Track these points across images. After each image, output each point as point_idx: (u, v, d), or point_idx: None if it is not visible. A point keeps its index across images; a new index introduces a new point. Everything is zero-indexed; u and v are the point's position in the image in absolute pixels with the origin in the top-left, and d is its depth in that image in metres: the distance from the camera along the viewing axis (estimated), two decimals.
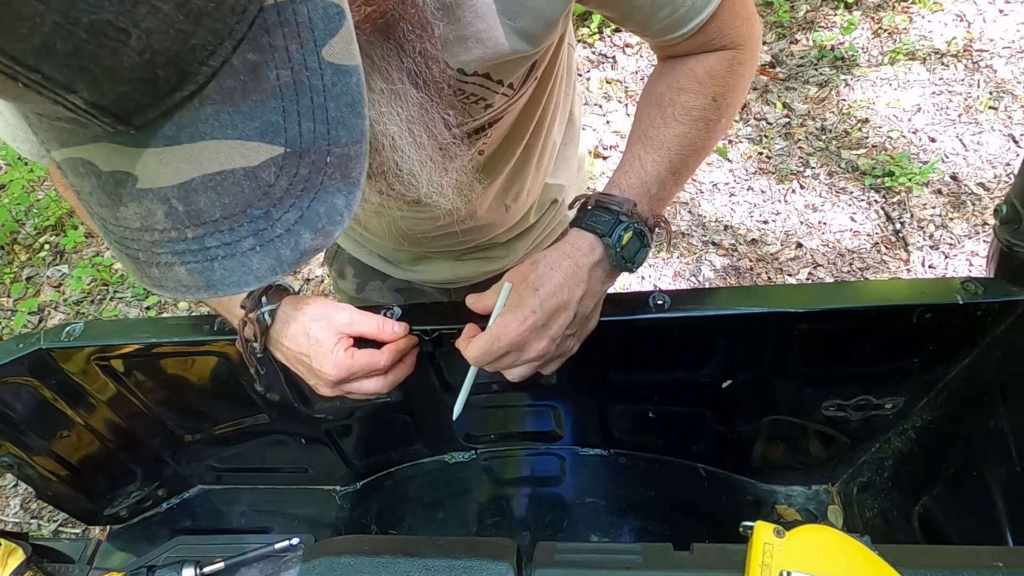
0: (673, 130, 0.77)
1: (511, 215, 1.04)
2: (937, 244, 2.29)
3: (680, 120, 0.77)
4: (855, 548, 0.60)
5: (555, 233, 1.19)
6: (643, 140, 0.78)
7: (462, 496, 1.20)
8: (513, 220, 1.06)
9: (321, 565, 0.70)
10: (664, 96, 0.78)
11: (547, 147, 1.01)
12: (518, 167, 0.96)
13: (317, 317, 0.80)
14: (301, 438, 1.14)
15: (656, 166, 0.77)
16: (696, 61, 0.77)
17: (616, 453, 1.19)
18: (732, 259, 2.38)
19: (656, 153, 0.77)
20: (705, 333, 0.90)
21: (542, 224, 1.15)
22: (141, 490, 1.20)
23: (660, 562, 0.65)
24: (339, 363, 0.77)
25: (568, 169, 1.13)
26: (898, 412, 1.00)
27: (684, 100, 0.77)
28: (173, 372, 1.01)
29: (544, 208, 1.12)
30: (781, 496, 1.17)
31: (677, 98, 0.77)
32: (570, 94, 1.04)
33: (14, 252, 2.88)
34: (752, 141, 2.67)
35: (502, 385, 1.05)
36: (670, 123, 0.77)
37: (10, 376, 0.95)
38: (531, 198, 1.05)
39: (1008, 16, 2.82)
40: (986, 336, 0.87)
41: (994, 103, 2.58)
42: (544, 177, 1.06)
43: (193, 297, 0.43)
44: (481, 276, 1.14)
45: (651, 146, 0.77)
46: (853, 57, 2.82)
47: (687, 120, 0.77)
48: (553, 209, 1.14)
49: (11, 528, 2.10)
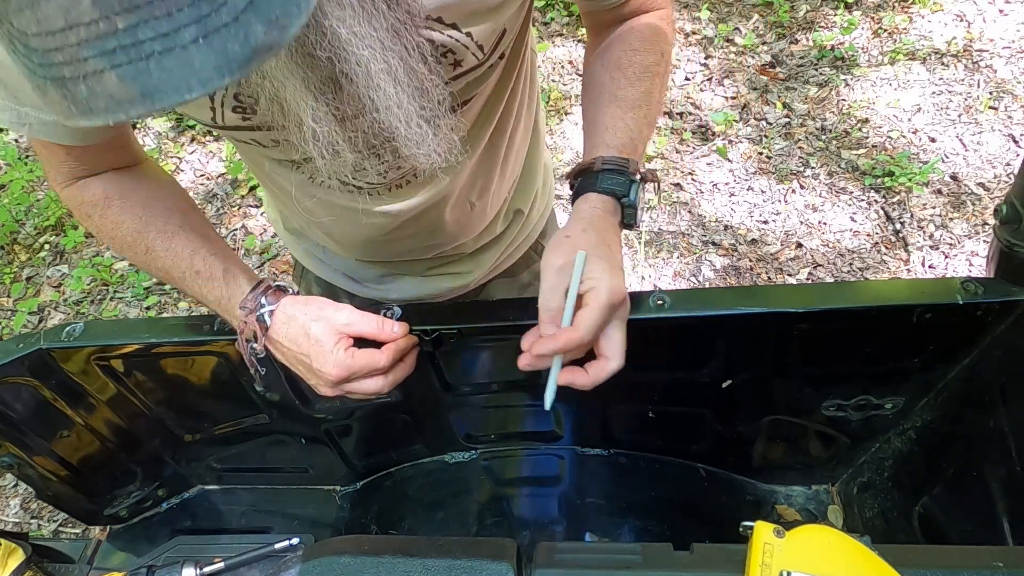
0: (638, 88, 0.83)
1: (477, 216, 1.02)
2: (937, 244, 2.29)
3: (641, 78, 0.83)
4: (855, 548, 0.60)
5: (523, 247, 1.17)
6: (616, 102, 0.82)
7: (462, 496, 1.20)
8: (479, 225, 1.04)
9: (321, 565, 0.70)
10: (621, 59, 0.84)
11: (512, 147, 1.00)
12: (484, 160, 0.95)
13: (317, 317, 0.79)
14: (301, 438, 1.14)
15: (636, 123, 0.81)
16: (638, 23, 0.85)
17: (616, 453, 1.19)
18: (732, 259, 2.38)
19: (632, 111, 0.81)
20: (705, 333, 0.90)
21: (509, 236, 1.13)
22: (141, 490, 1.20)
23: (660, 562, 0.65)
24: (339, 363, 0.77)
25: (533, 181, 1.12)
26: (898, 412, 1.00)
27: (640, 59, 0.83)
28: (173, 372, 1.01)
29: (510, 218, 1.11)
30: (781, 496, 1.17)
31: (634, 58, 0.83)
32: (534, 101, 1.04)
33: (14, 252, 2.88)
34: (752, 141, 2.67)
35: (502, 385, 1.05)
36: (634, 83, 0.83)
37: (10, 376, 0.96)
38: (496, 201, 1.04)
39: (1008, 16, 2.82)
40: (986, 336, 0.87)
41: (994, 103, 2.58)
42: (510, 182, 1.05)
43: (126, 116, 0.37)
44: (449, 294, 1.12)
45: (626, 106, 0.82)
46: (853, 57, 2.82)
47: (647, 77, 0.83)
48: (519, 220, 1.13)
49: (11, 528, 2.10)
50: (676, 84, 2.90)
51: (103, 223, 0.84)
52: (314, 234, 1.06)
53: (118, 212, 0.83)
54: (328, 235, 1.02)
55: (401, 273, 1.10)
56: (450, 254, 1.08)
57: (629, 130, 0.81)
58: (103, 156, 0.82)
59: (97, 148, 0.80)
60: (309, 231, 1.07)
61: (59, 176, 0.82)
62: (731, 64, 2.92)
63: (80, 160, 0.81)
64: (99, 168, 0.83)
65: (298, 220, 1.06)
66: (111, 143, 0.82)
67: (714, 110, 2.78)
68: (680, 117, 2.79)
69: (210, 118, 0.72)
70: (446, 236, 1.01)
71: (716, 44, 2.99)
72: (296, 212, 1.01)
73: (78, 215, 0.86)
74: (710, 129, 2.73)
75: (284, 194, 0.95)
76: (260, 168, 0.91)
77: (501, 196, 1.05)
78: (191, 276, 0.83)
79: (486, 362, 1.01)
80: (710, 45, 3.00)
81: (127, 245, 0.84)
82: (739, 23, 3.05)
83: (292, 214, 1.05)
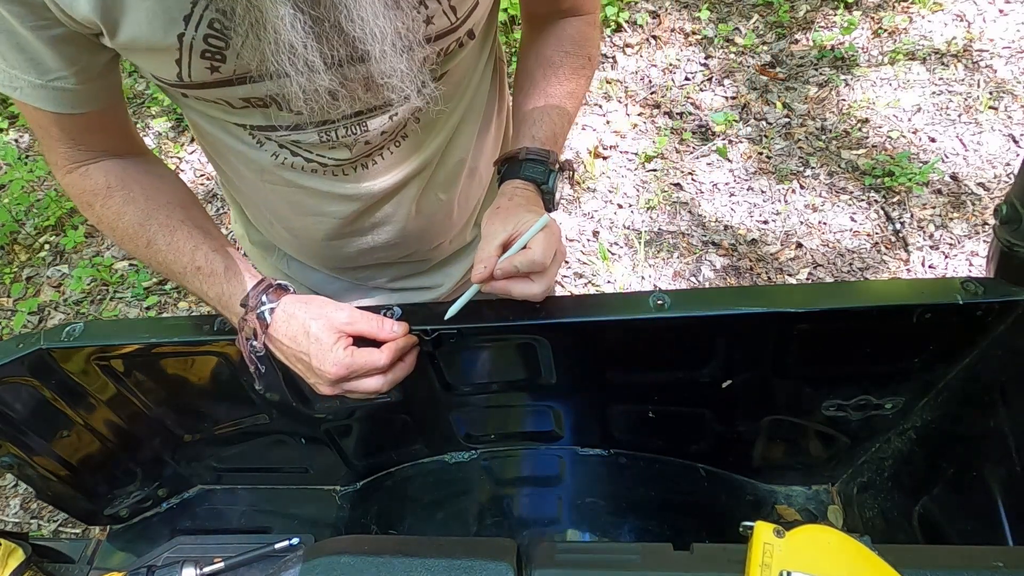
0: (566, 87, 0.93)
1: (444, 214, 1.01)
2: (937, 244, 2.29)
3: (569, 78, 0.93)
4: (855, 548, 0.60)
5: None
6: (544, 97, 0.92)
7: (462, 496, 1.20)
8: (448, 228, 1.04)
9: (321, 565, 0.70)
10: (553, 58, 0.93)
11: (482, 149, 1.01)
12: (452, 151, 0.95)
13: (317, 316, 0.80)
14: (301, 438, 1.14)
15: (560, 118, 0.92)
16: (569, 26, 0.94)
17: (616, 453, 1.19)
18: (732, 259, 2.38)
19: (558, 108, 0.92)
20: (705, 333, 0.90)
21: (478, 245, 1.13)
22: (141, 490, 1.20)
23: (660, 562, 0.65)
24: (339, 361, 0.77)
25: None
26: (898, 412, 1.00)
27: (570, 61, 0.93)
28: (173, 372, 1.01)
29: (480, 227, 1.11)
30: (781, 496, 1.17)
31: (565, 60, 0.93)
32: (504, 112, 1.05)
33: (14, 252, 2.88)
34: (752, 141, 2.67)
35: (502, 385, 1.05)
36: (563, 81, 0.93)
37: (10, 376, 0.95)
38: (465, 202, 1.03)
39: (1008, 16, 2.82)
40: (986, 336, 0.87)
41: (994, 103, 2.58)
42: (479, 185, 1.05)
43: None
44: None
45: (552, 102, 0.92)
46: (853, 57, 2.82)
47: (574, 77, 0.93)
48: None
49: (11, 528, 2.10)
50: (676, 84, 2.90)
51: (104, 213, 0.83)
52: (277, 237, 1.05)
53: (120, 203, 0.83)
54: (291, 231, 1.00)
55: (368, 285, 1.09)
56: (417, 261, 1.07)
57: (553, 124, 0.91)
58: (98, 137, 0.82)
59: (91, 126, 0.80)
60: (272, 233, 1.05)
61: (59, 160, 0.82)
62: (731, 64, 2.92)
63: (75, 140, 0.80)
64: (96, 150, 0.82)
65: (261, 221, 1.04)
66: (103, 123, 0.81)
67: (714, 110, 2.78)
68: (680, 117, 2.79)
69: (176, 73, 0.70)
70: (413, 235, 1.00)
71: (716, 44, 2.99)
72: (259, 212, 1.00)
73: (79, 204, 0.86)
74: (710, 129, 2.73)
75: (248, 187, 0.94)
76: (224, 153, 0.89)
77: (470, 199, 1.05)
78: (192, 272, 0.83)
79: (486, 362, 1.01)
80: (710, 45, 3.00)
81: (128, 237, 0.84)
82: (739, 23, 3.05)
83: (255, 213, 1.03)
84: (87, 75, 0.73)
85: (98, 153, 0.83)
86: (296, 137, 0.81)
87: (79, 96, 0.75)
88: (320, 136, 0.81)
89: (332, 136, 0.81)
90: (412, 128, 0.86)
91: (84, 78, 0.73)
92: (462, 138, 0.95)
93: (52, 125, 0.78)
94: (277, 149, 0.84)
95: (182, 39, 0.67)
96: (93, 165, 0.83)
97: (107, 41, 0.68)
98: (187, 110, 0.84)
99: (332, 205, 0.92)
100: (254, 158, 0.86)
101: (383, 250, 1.02)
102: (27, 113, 0.77)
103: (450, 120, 0.91)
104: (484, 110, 0.98)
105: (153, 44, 0.67)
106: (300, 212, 0.94)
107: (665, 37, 3.06)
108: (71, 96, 0.74)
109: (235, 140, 0.85)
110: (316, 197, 0.90)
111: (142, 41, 0.67)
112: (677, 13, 3.13)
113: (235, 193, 1.02)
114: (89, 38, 0.69)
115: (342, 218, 0.94)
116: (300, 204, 0.93)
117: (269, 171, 0.88)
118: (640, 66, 3.00)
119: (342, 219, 0.94)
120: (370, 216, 0.95)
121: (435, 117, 0.87)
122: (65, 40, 0.69)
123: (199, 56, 0.68)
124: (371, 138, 0.83)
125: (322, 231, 0.96)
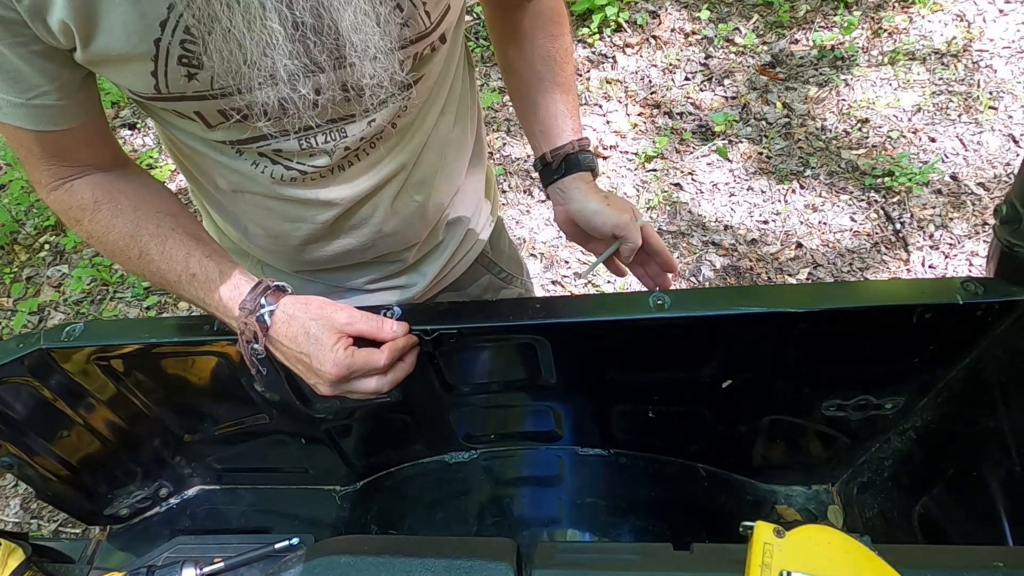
0: (567, 70, 1.00)
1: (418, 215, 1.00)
2: (937, 244, 2.29)
3: (565, 59, 1.00)
4: (855, 548, 0.60)
5: (468, 260, 1.17)
6: (559, 87, 1.00)
7: (462, 496, 1.20)
8: (421, 228, 1.04)
9: (321, 565, 0.70)
10: (546, 47, 0.98)
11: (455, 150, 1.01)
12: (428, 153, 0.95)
13: (317, 316, 0.79)
14: (301, 438, 1.14)
15: (575, 102, 1.02)
16: (542, 6, 0.97)
17: (616, 453, 1.19)
18: (732, 259, 2.38)
19: (571, 92, 1.01)
20: (705, 333, 0.90)
21: (451, 245, 1.12)
22: (141, 490, 1.20)
23: (660, 562, 0.65)
24: (338, 361, 0.77)
25: (476, 193, 1.13)
26: (898, 412, 1.00)
27: (559, 43, 0.99)
28: (173, 372, 1.01)
29: (453, 228, 1.11)
30: (781, 496, 1.17)
31: (555, 44, 0.98)
32: (474, 111, 1.06)
33: (14, 252, 2.88)
34: (752, 141, 2.67)
35: (502, 385, 1.05)
36: (564, 66, 0.99)
37: (10, 376, 0.95)
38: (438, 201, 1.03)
39: (1008, 16, 2.82)
40: (986, 336, 0.87)
41: (994, 103, 2.58)
42: (452, 185, 1.05)
43: None
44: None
45: (566, 88, 1.00)
46: (853, 57, 2.82)
47: (568, 57, 1.00)
48: (461, 232, 1.12)
49: (11, 528, 2.10)
50: (676, 84, 2.90)
51: (93, 227, 0.82)
52: (252, 244, 1.03)
53: (108, 216, 0.82)
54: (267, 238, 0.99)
55: (343, 287, 1.09)
56: (392, 263, 1.07)
57: (575, 111, 1.00)
58: (82, 152, 0.80)
59: (74, 141, 0.79)
60: (247, 241, 1.03)
61: (43, 178, 0.81)
62: (731, 64, 2.92)
63: (59, 157, 0.79)
64: (80, 165, 0.81)
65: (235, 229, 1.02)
66: (86, 138, 0.80)
67: (714, 110, 2.78)
68: (680, 117, 2.80)
69: (152, 85, 0.69)
70: (388, 236, 1.00)
71: (716, 44, 2.99)
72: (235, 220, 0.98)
73: (67, 220, 0.84)
74: (710, 129, 2.73)
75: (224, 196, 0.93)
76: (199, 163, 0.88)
77: (443, 200, 1.05)
78: (187, 279, 0.82)
79: (486, 362, 1.01)
80: (710, 45, 3.00)
81: (119, 249, 0.83)
82: (739, 23, 3.05)
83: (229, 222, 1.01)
84: (68, 89, 0.73)
85: (82, 168, 0.82)
86: (277, 146, 0.81)
87: (61, 112, 0.74)
88: (300, 143, 0.80)
89: (312, 143, 0.81)
90: (388, 132, 0.86)
91: (65, 93, 0.72)
92: (436, 140, 0.95)
93: (34, 144, 0.77)
94: (257, 158, 0.83)
95: (159, 44, 0.66)
96: (78, 180, 0.82)
97: (80, 55, 0.67)
98: (161, 123, 0.83)
99: (311, 211, 0.91)
100: (234, 168, 0.85)
101: (359, 252, 1.01)
102: (8, 134, 0.76)
103: (424, 123, 0.91)
104: (457, 112, 0.98)
105: (129, 52, 0.66)
106: (278, 219, 0.94)
107: (665, 37, 3.07)
108: (53, 112, 0.73)
109: (213, 151, 0.84)
110: (295, 204, 0.90)
111: (117, 49, 0.66)
112: (677, 13, 3.13)
113: (207, 202, 1.00)
114: (65, 53, 0.68)
115: (321, 223, 0.93)
116: (278, 211, 0.92)
117: (247, 180, 0.87)
118: (640, 66, 3.00)
119: (320, 224, 0.93)
120: (348, 219, 0.94)
121: (411, 121, 0.87)
122: (44, 55, 0.68)
123: (176, 62, 0.68)
124: (350, 143, 0.83)
125: (300, 236, 0.96)
